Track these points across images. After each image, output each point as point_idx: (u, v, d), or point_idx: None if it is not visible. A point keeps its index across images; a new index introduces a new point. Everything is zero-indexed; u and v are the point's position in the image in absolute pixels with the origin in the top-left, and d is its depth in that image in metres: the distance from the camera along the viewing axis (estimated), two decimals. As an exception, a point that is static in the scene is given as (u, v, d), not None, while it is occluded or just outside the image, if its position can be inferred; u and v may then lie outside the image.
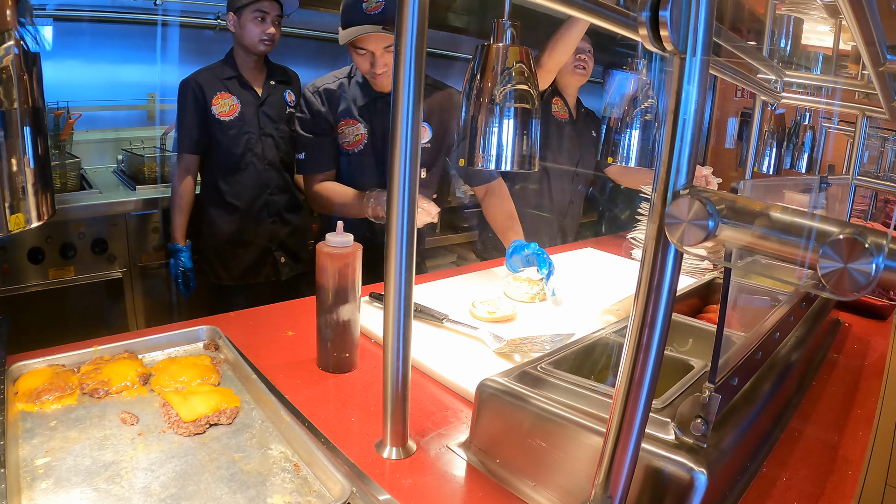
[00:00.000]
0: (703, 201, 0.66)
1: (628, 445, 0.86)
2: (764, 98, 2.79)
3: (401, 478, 1.28)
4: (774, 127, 3.38)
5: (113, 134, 4.21)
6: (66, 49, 3.92)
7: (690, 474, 1.03)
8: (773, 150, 3.48)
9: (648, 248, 0.76)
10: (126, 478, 1.15)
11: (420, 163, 2.38)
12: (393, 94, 1.16)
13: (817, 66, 3.39)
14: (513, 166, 1.45)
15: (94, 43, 4.03)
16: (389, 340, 1.28)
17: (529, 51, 1.44)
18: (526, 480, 1.26)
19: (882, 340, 2.33)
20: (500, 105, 1.40)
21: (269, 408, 1.38)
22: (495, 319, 2.08)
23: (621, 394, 0.83)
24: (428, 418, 1.52)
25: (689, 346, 1.65)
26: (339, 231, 1.62)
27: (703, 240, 0.68)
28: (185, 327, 1.72)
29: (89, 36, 3.99)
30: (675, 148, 0.71)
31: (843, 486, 1.36)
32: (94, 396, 1.41)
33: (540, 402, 1.25)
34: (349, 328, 1.67)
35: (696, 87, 0.70)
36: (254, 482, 1.17)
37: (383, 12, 2.43)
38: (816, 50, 3.28)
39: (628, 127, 2.12)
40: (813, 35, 2.97)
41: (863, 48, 1.41)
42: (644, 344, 0.79)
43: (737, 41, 2.06)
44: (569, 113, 3.48)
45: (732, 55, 2.08)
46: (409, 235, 1.21)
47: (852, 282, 0.57)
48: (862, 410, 1.73)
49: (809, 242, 0.61)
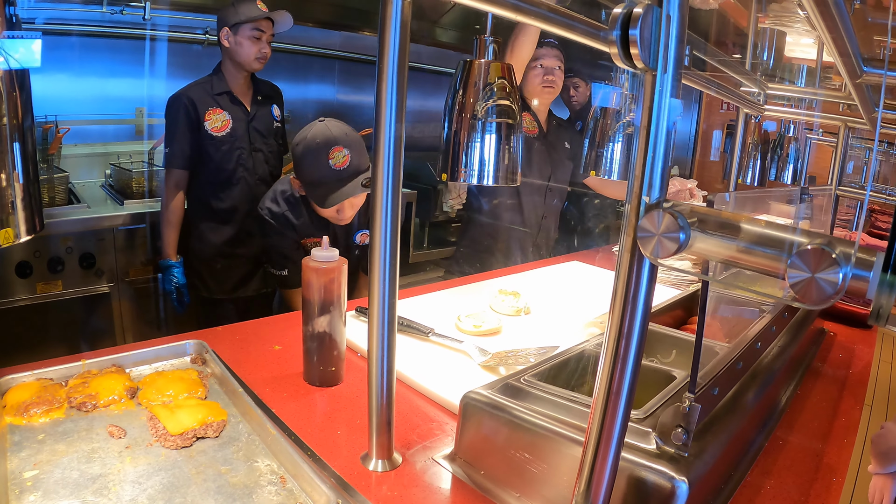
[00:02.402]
0: (674, 214, 0.68)
1: (608, 455, 0.87)
2: (747, 111, 2.81)
3: (386, 490, 1.28)
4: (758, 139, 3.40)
5: (101, 148, 4.20)
6: (55, 63, 3.93)
7: (671, 483, 1.04)
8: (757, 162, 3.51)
9: (623, 260, 0.78)
10: (114, 490, 1.15)
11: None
12: (376, 107, 1.17)
13: (801, 79, 3.41)
14: (495, 181, 1.46)
15: (83, 57, 4.03)
16: (374, 353, 1.28)
17: (512, 67, 1.46)
18: (511, 492, 1.27)
19: (867, 349, 2.34)
20: (482, 120, 1.41)
21: (256, 421, 1.38)
22: (481, 333, 2.08)
23: (599, 403, 0.84)
24: (413, 431, 1.52)
25: (673, 357, 1.66)
26: (325, 246, 1.62)
27: (674, 252, 0.69)
28: (172, 342, 1.73)
29: (78, 50, 4.00)
30: (647, 162, 0.73)
31: (827, 495, 1.37)
32: (82, 410, 1.41)
33: (523, 413, 1.26)
34: (335, 342, 1.67)
35: (668, 103, 0.71)
36: (240, 494, 1.17)
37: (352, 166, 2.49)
38: (801, 62, 3.30)
39: (611, 140, 2.13)
40: (797, 48, 2.99)
41: (838, 60, 1.43)
42: (621, 354, 0.80)
43: (720, 55, 2.08)
44: (538, 127, 3.46)
45: (716, 69, 2.10)
46: (392, 248, 1.22)
47: (819, 292, 0.59)
48: (847, 418, 1.74)
49: (780, 253, 0.62)
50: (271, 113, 3.43)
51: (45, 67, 3.88)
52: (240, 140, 3.24)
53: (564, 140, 3.62)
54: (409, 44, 1.15)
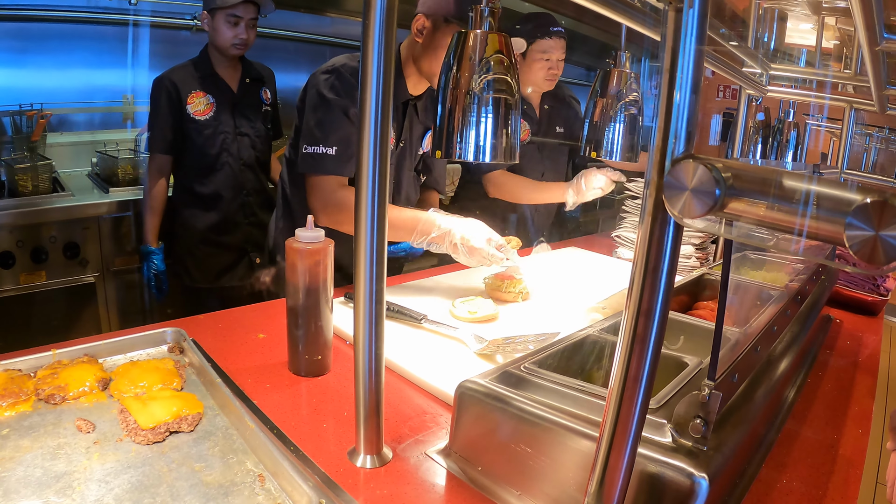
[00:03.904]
0: (708, 166, 0.58)
1: (624, 449, 0.77)
2: (750, 91, 2.75)
3: (375, 488, 1.19)
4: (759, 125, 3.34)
5: (88, 136, 4.17)
6: (40, 51, 3.89)
7: (691, 479, 0.95)
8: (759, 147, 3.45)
9: (644, 225, 0.68)
10: (78, 490, 1.07)
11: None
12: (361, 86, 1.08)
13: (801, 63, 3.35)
14: (492, 158, 1.38)
15: (70, 45, 4.00)
16: (360, 339, 1.19)
17: (509, 38, 1.37)
18: (510, 489, 1.19)
19: (873, 336, 2.32)
20: (478, 95, 1.32)
21: (234, 414, 1.29)
22: (476, 320, 2.01)
23: (616, 392, 0.74)
24: (405, 424, 1.44)
25: (681, 343, 1.57)
26: (310, 226, 1.54)
27: (707, 210, 0.59)
28: (148, 330, 1.63)
29: (64, 38, 3.96)
30: (671, 110, 0.63)
31: (846, 488, 1.30)
32: (51, 402, 1.33)
33: (524, 404, 1.17)
34: (321, 329, 1.59)
35: (694, 43, 0.62)
36: (214, 494, 1.08)
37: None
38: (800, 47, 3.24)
39: (612, 121, 2.05)
40: (796, 33, 2.93)
41: (860, 24, 1.34)
42: (640, 334, 0.70)
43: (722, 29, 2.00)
44: (533, 115, 3.40)
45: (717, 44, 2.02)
46: (379, 225, 1.13)
47: (888, 251, 0.49)
48: (859, 407, 1.69)
49: (834, 212, 0.52)
50: (260, 96, 3.35)
51: (31, 55, 3.87)
52: (224, 124, 3.19)
53: (556, 124, 3.55)
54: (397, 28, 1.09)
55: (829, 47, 2.80)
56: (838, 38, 2.71)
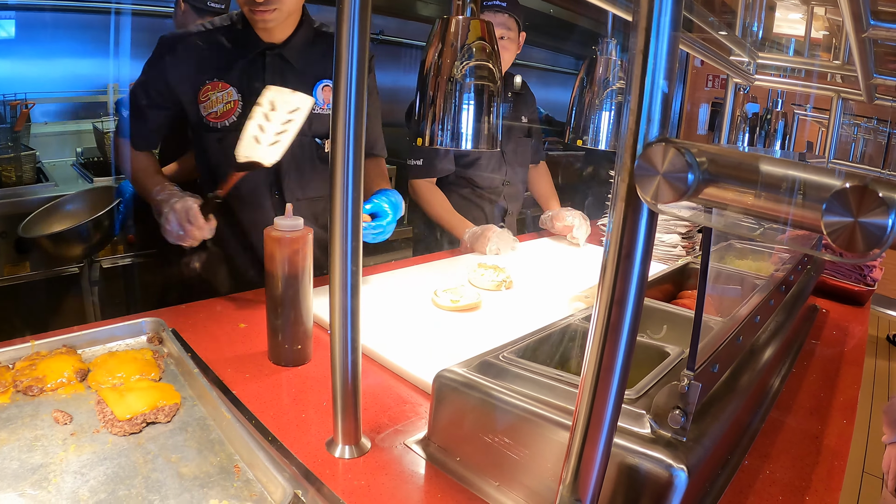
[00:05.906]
0: (680, 150, 0.56)
1: (598, 440, 0.75)
2: (737, 80, 2.73)
3: (353, 479, 1.18)
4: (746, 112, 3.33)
5: (73, 126, 4.12)
6: (25, 41, 3.84)
7: (669, 472, 0.93)
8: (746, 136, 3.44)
9: (616, 210, 0.66)
10: (54, 482, 1.06)
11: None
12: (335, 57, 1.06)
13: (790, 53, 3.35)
14: (474, 145, 1.36)
15: (54, 35, 3.94)
16: (337, 328, 1.17)
17: (492, 24, 1.35)
18: (489, 480, 1.17)
19: (860, 326, 2.31)
20: (459, 82, 1.30)
21: (212, 405, 1.27)
22: (458, 308, 2.00)
23: (589, 381, 0.73)
24: (384, 413, 1.42)
25: (664, 332, 1.56)
26: (289, 214, 1.52)
27: (680, 196, 0.57)
28: (128, 320, 1.61)
29: (49, 27, 3.91)
30: (644, 92, 0.61)
31: (830, 479, 1.29)
32: (28, 394, 1.31)
33: (502, 394, 1.15)
34: (301, 319, 1.57)
35: (669, 20, 0.60)
36: (190, 486, 1.07)
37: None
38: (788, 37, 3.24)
39: (599, 109, 2.04)
40: (784, 23, 2.92)
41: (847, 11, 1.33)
42: (614, 324, 0.68)
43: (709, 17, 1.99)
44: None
45: (704, 32, 2.01)
46: (354, 209, 1.11)
47: (867, 238, 0.47)
48: (844, 398, 1.68)
49: (811, 197, 0.51)
50: None
51: (16, 45, 3.82)
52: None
53: (522, 113, 3.42)
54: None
55: (819, 37, 2.80)
56: (827, 28, 2.70)
